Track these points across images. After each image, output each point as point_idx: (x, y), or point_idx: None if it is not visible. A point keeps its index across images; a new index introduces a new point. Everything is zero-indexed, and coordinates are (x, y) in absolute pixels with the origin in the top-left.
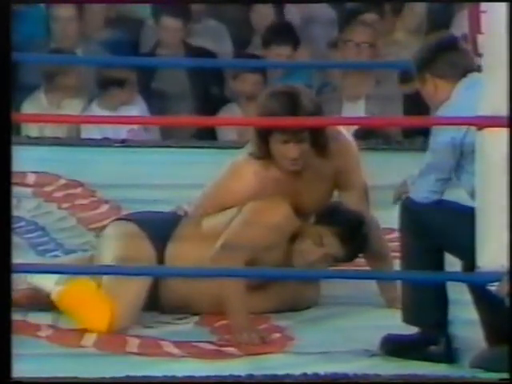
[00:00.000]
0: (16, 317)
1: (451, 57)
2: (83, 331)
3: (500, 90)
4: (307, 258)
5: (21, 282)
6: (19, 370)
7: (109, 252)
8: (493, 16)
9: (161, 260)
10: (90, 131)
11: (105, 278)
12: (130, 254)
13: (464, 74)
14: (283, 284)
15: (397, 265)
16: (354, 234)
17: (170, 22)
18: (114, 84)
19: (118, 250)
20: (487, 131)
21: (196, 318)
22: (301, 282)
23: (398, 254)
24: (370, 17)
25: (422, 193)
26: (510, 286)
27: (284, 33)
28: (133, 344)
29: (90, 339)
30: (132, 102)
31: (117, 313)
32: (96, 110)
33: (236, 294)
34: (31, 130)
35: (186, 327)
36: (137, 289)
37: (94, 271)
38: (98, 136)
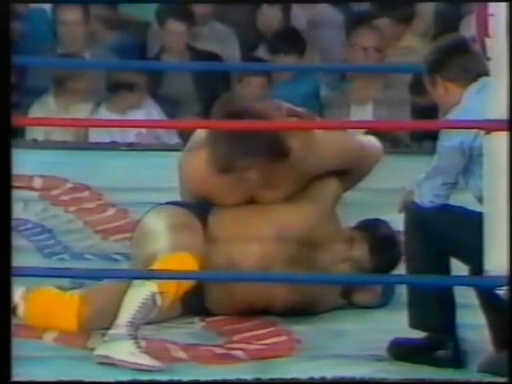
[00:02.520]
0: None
1: (463, 60)
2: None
3: (508, 93)
4: (333, 257)
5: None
6: (24, 372)
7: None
8: (500, 20)
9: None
10: (98, 135)
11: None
12: (175, 222)
13: (475, 78)
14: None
15: (403, 269)
16: (385, 249)
17: (175, 26)
18: (124, 88)
19: (165, 221)
20: (495, 135)
21: (203, 322)
22: (320, 285)
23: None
24: (380, 22)
25: (427, 197)
26: (510, 290)
27: (292, 41)
28: None
29: (95, 342)
30: (140, 106)
31: (88, 313)
32: (104, 113)
33: None
34: (38, 133)
35: (193, 330)
36: (112, 290)
37: (97, 275)
38: (106, 139)
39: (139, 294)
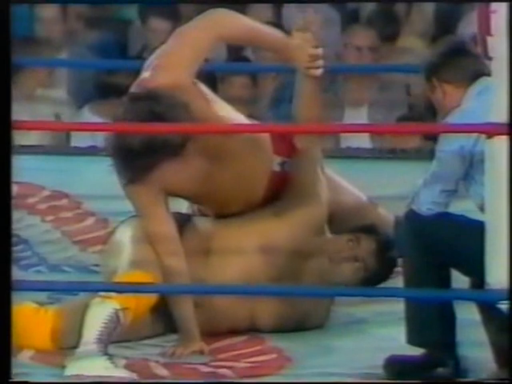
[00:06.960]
0: None
1: (459, 61)
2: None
3: (508, 96)
4: (341, 272)
5: None
6: None
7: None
8: (503, 16)
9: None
10: (81, 139)
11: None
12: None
13: (474, 79)
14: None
15: (400, 282)
16: (389, 248)
17: (158, 24)
18: (116, 94)
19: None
20: (497, 139)
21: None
22: (311, 300)
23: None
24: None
25: (425, 204)
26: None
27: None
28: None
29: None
30: None
31: (62, 330)
32: (88, 116)
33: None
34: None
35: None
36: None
37: (94, 288)
38: (90, 144)
39: (102, 311)
